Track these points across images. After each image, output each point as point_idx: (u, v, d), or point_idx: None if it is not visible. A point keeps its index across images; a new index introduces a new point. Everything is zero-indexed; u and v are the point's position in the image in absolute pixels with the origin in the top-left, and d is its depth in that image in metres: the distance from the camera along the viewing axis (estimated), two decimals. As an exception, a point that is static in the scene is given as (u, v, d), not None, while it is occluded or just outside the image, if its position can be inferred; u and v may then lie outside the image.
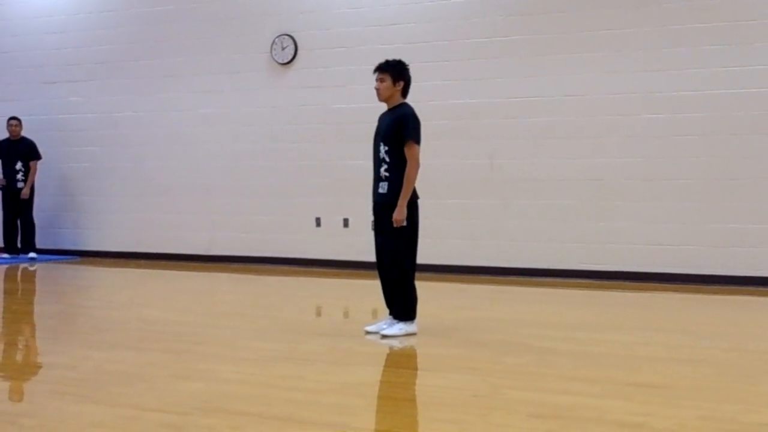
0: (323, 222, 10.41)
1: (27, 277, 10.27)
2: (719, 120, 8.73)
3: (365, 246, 9.40)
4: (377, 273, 6.10)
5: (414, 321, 5.99)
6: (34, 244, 11.40)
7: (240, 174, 10.86)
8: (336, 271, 10.05)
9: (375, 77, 6.06)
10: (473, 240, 9.71)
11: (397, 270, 5.93)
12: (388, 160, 5.93)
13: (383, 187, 5.96)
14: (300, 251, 10.55)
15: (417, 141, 5.91)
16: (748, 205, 8.67)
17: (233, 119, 10.87)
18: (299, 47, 10.47)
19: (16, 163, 11.38)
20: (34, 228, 11.42)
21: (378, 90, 6.04)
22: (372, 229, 6.14)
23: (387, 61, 6.08)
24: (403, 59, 6.15)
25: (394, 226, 5.88)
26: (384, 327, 6.00)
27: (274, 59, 10.59)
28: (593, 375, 4.83)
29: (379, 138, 6.02)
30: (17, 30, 12.07)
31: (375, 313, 6.83)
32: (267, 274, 10.18)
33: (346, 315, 7.67)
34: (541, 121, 9.37)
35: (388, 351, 5.70)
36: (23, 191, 11.32)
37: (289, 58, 10.51)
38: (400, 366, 5.50)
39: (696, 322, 7.08)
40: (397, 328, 5.94)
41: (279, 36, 10.54)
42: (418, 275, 6.09)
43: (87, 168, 11.76)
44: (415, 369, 5.40)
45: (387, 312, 6.09)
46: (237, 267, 10.65)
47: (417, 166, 5.89)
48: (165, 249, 11.30)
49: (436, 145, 9.13)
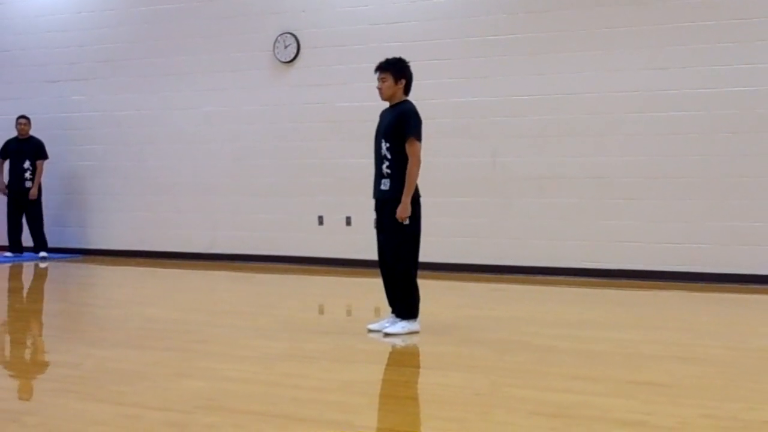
0: (326, 220, 10.41)
1: (29, 276, 10.28)
2: (722, 118, 8.72)
3: (368, 244, 9.40)
4: (379, 271, 6.11)
5: (417, 319, 6.00)
6: (45, 243, 11.39)
7: (242, 172, 10.86)
8: (338, 269, 10.06)
9: (376, 77, 6.06)
10: (475, 238, 9.71)
11: (400, 268, 5.94)
12: (389, 156, 5.93)
13: (385, 184, 5.96)
14: (302, 249, 10.55)
15: (418, 137, 5.90)
16: (750, 203, 8.66)
17: (235, 118, 10.87)
18: (302, 45, 10.47)
19: (24, 162, 11.35)
20: (43, 227, 11.41)
21: (380, 90, 6.05)
22: (374, 227, 6.16)
23: (387, 60, 6.07)
24: (406, 57, 6.16)
25: (397, 222, 5.89)
26: (386, 325, 6.00)
27: (276, 57, 10.59)
28: (595, 373, 4.83)
29: (381, 135, 6.02)
30: (19, 29, 12.08)
31: (377, 312, 6.84)
32: (269, 272, 10.18)
33: (348, 313, 7.67)
34: (544, 120, 9.37)
35: (390, 349, 5.70)
36: (31, 191, 11.31)
37: (292, 56, 10.52)
38: (402, 364, 5.50)
39: (698, 320, 7.08)
40: (400, 326, 5.95)
41: (281, 34, 10.54)
42: (419, 273, 6.09)
43: (89, 166, 11.77)
44: (417, 367, 5.41)
45: (389, 310, 6.10)
46: (239, 265, 10.65)
47: (418, 162, 5.90)
48: (167, 247, 11.31)
49: (438, 144, 9.14)
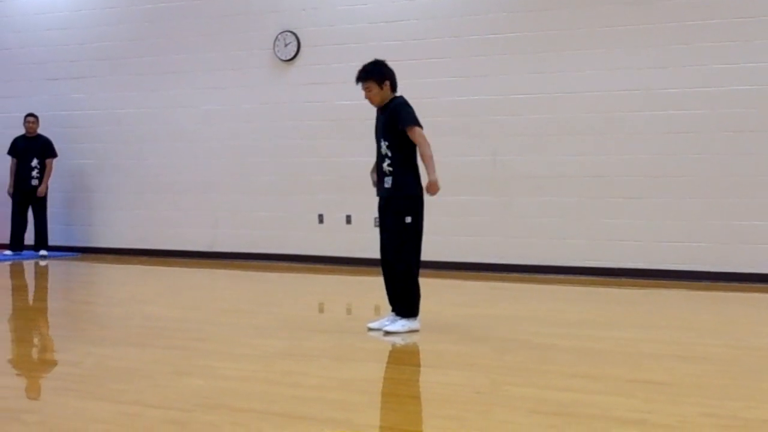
0: (326, 219, 10.41)
1: (29, 274, 10.27)
2: (722, 117, 8.72)
3: (368, 242, 9.44)
4: (381, 269, 6.10)
5: (417, 318, 6.00)
6: (47, 241, 11.37)
7: (242, 170, 10.86)
8: (339, 268, 10.06)
9: (360, 87, 6.01)
10: (475, 237, 9.71)
11: (402, 266, 5.93)
12: (390, 154, 5.94)
13: (388, 182, 5.97)
14: (303, 248, 10.55)
15: (416, 123, 5.90)
16: (750, 202, 8.66)
17: (236, 116, 10.88)
18: (302, 44, 10.47)
19: (31, 160, 11.34)
20: (47, 225, 11.41)
21: (369, 99, 6.02)
22: (375, 226, 6.14)
23: (364, 69, 5.99)
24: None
25: (400, 220, 5.88)
26: (386, 323, 6.00)
27: (276, 56, 10.59)
28: (595, 372, 4.83)
29: (379, 135, 6.03)
30: (19, 26, 12.08)
31: (378, 310, 6.84)
32: (269, 270, 10.19)
33: (348, 311, 7.67)
34: (544, 118, 9.37)
35: (390, 348, 5.70)
36: (39, 189, 11.31)
37: (292, 54, 10.51)
38: (402, 363, 5.50)
39: (698, 318, 7.09)
40: (400, 324, 5.94)
41: (282, 33, 10.54)
42: (420, 272, 6.09)
43: (90, 165, 11.77)
44: (417, 366, 5.41)
45: (390, 309, 6.10)
46: (239, 264, 10.66)
47: (428, 144, 5.90)
48: (167, 246, 11.32)
49: (438, 142, 9.03)
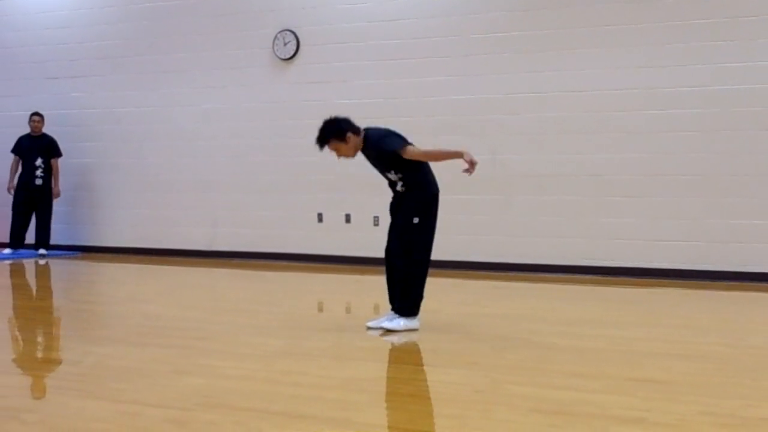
0: (325, 218, 10.41)
1: (29, 273, 10.27)
2: (720, 116, 8.73)
3: (367, 242, 9.45)
4: (384, 267, 6.06)
5: (416, 317, 5.99)
6: (49, 241, 11.36)
7: (242, 170, 10.87)
8: (338, 267, 10.06)
9: (327, 151, 5.92)
10: (475, 236, 9.72)
11: (404, 265, 5.88)
12: (401, 176, 5.89)
13: (401, 187, 5.94)
14: (302, 247, 10.56)
15: (405, 143, 5.80)
16: (749, 201, 8.67)
17: (235, 115, 10.88)
18: (301, 43, 10.47)
19: (36, 160, 11.33)
20: (50, 225, 11.39)
21: (344, 156, 5.97)
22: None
23: (321, 135, 5.85)
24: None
25: (411, 219, 5.82)
26: (384, 322, 5.98)
27: (276, 55, 10.59)
28: (594, 370, 4.84)
29: (381, 169, 5.99)
30: (19, 25, 12.07)
31: (377, 309, 6.84)
32: (269, 269, 10.19)
33: (348, 310, 7.67)
34: (543, 117, 9.38)
35: (390, 346, 5.71)
36: (54, 190, 11.32)
37: (291, 53, 10.52)
38: (402, 361, 5.51)
39: (697, 317, 7.09)
40: (397, 323, 5.92)
41: (281, 31, 10.54)
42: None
43: (89, 164, 11.77)
44: (417, 364, 5.41)
45: (389, 307, 6.09)
46: (239, 262, 10.66)
47: (426, 152, 5.84)
48: (167, 245, 11.32)
49: (437, 141, 9.10)
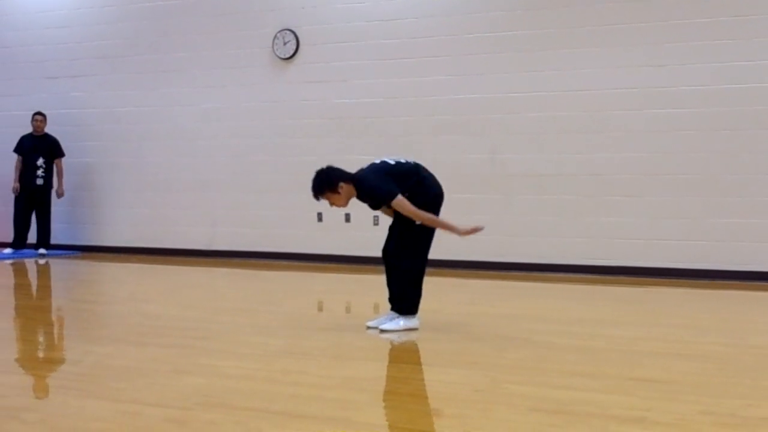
0: (325, 217, 10.41)
1: (29, 273, 10.27)
2: (720, 115, 8.73)
3: (367, 241, 9.44)
4: (383, 267, 6.05)
5: (415, 316, 5.99)
6: (49, 240, 11.36)
7: (241, 169, 10.87)
8: (337, 266, 10.06)
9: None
10: (475, 235, 9.65)
11: (404, 264, 5.88)
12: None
13: None
14: (301, 246, 10.56)
15: (391, 197, 5.70)
16: (749, 200, 8.68)
17: (235, 114, 10.88)
18: (301, 42, 10.47)
19: (37, 159, 11.31)
20: (50, 225, 11.39)
21: (339, 206, 5.99)
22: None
23: (314, 189, 5.90)
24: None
25: (412, 220, 5.81)
26: (384, 321, 5.98)
27: (275, 54, 10.59)
28: (594, 370, 4.84)
29: (379, 207, 6.00)
30: (18, 25, 12.07)
31: (377, 308, 6.84)
32: (268, 269, 10.19)
33: (347, 310, 7.67)
34: (543, 116, 9.38)
35: (389, 346, 5.71)
36: (59, 190, 11.32)
37: (291, 53, 10.52)
38: (401, 361, 5.50)
39: (697, 316, 7.09)
40: (396, 322, 5.92)
41: (281, 31, 10.54)
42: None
43: (89, 163, 11.77)
44: (417, 364, 5.41)
45: (389, 307, 6.08)
46: (238, 262, 10.66)
47: (413, 210, 5.69)
48: (166, 244, 11.32)
49: (437, 141, 9.15)
